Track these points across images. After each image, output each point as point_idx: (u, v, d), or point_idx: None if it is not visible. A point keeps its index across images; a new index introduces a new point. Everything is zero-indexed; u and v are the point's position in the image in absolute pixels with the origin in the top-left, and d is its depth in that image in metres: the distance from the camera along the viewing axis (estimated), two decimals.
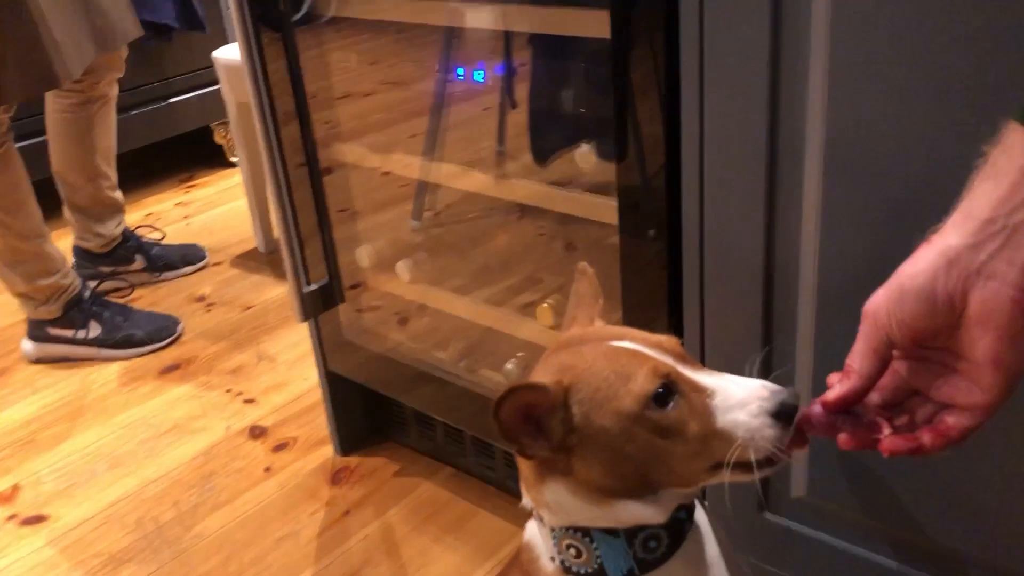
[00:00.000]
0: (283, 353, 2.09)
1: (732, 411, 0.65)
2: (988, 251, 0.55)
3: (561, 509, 0.72)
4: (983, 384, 0.58)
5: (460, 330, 1.54)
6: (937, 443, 0.61)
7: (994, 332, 0.56)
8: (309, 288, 1.52)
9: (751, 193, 0.95)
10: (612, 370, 0.67)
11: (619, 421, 0.66)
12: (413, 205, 1.74)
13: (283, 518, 1.58)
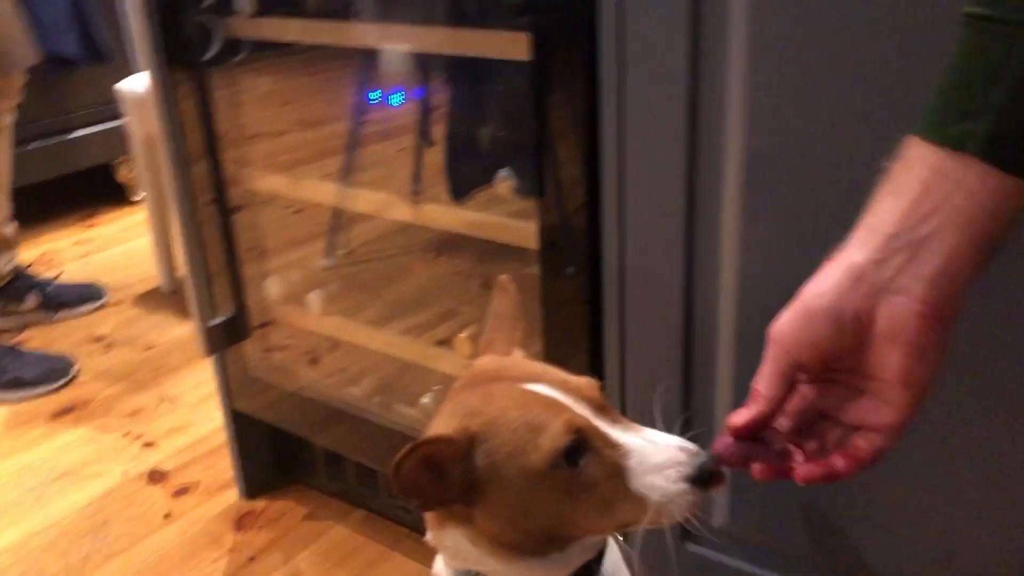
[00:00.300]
0: (186, 394, 2.00)
1: (648, 475, 0.61)
2: (893, 266, 0.55)
3: (460, 556, 0.68)
4: (893, 403, 0.57)
5: (374, 365, 1.49)
6: (850, 467, 0.59)
7: (902, 348, 0.55)
8: (214, 321, 1.45)
9: (671, 229, 0.95)
10: (522, 421, 0.62)
11: (525, 478, 0.61)
12: (326, 243, 1.70)
13: (183, 566, 1.49)
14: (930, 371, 0.56)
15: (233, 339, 1.49)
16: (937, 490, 0.89)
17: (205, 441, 1.83)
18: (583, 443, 0.61)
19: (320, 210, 1.61)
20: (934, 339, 0.55)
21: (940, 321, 0.54)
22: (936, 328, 0.55)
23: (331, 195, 1.47)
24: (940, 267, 0.53)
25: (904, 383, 0.56)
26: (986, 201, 0.52)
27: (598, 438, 0.62)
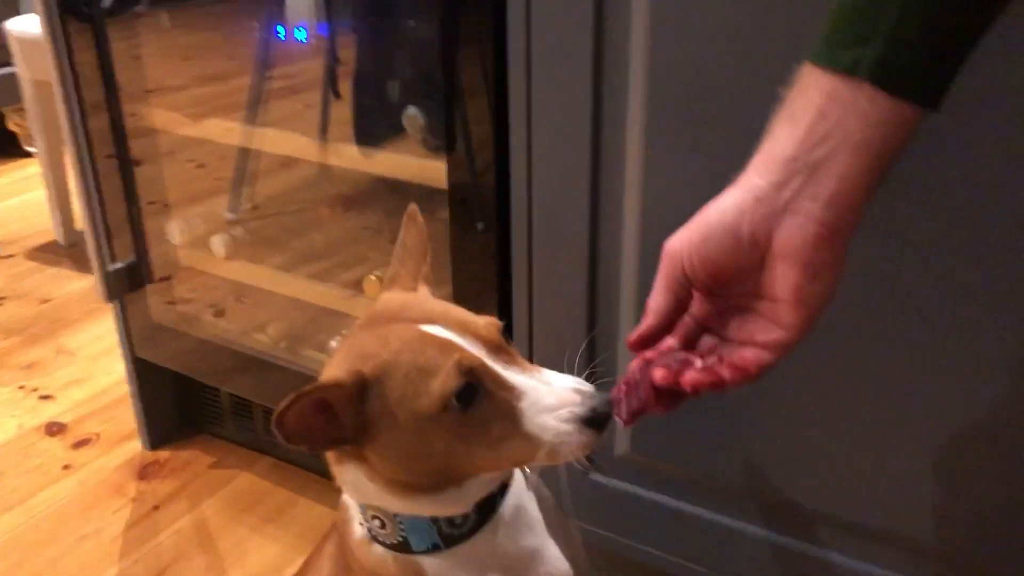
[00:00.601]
0: (85, 347, 1.94)
1: (540, 415, 0.62)
2: (792, 188, 0.57)
3: (358, 491, 0.69)
4: (783, 322, 0.59)
5: (281, 312, 1.48)
6: (736, 377, 0.61)
7: (797, 266, 0.57)
8: (114, 266, 1.42)
9: (577, 183, 0.97)
10: (415, 364, 0.61)
11: (416, 421, 0.61)
12: (230, 197, 1.66)
13: (84, 517, 1.46)
14: (823, 290, 0.58)
15: (134, 285, 1.45)
16: (834, 424, 0.93)
17: (106, 393, 1.78)
18: (475, 385, 0.61)
19: (224, 163, 1.57)
20: (829, 258, 0.57)
21: (835, 241, 0.57)
22: (831, 248, 0.57)
23: (237, 135, 1.43)
24: (835, 189, 0.55)
25: (797, 300, 0.58)
26: (878, 124, 0.54)
27: (491, 379, 0.62)
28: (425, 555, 0.70)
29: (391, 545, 0.70)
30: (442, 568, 0.70)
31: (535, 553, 0.73)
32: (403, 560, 0.70)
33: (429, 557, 0.70)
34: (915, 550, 0.93)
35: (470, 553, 0.70)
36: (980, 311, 0.82)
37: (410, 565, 0.70)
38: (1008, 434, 0.84)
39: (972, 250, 0.80)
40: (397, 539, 0.69)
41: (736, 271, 0.60)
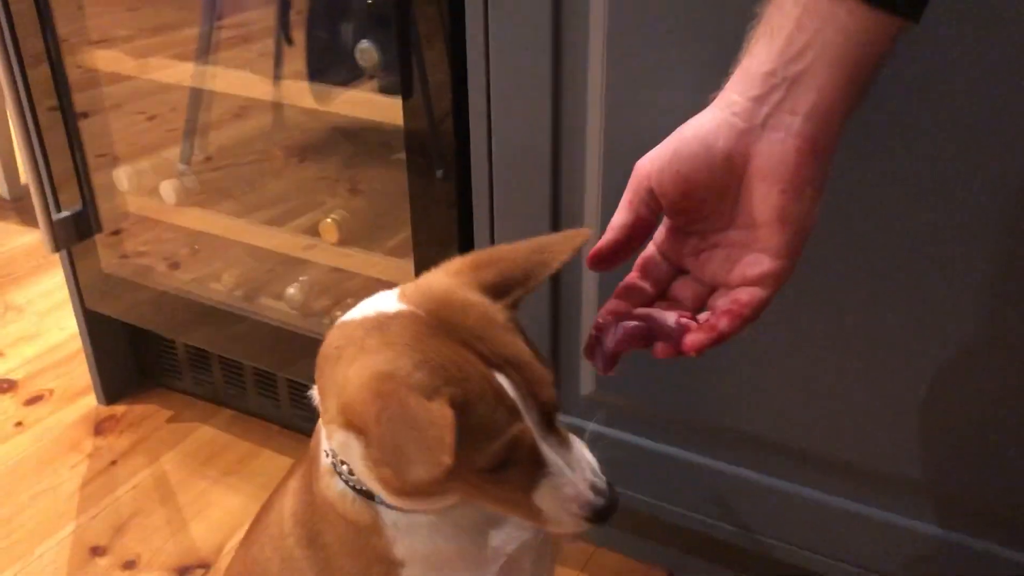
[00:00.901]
0: (35, 303, 1.88)
1: (554, 501, 0.62)
2: (771, 103, 0.55)
3: (345, 454, 0.65)
4: (772, 249, 0.57)
5: (236, 260, 1.44)
6: (735, 324, 0.59)
7: (779, 185, 0.55)
8: (60, 215, 1.36)
9: (537, 124, 0.95)
10: (482, 421, 0.57)
11: (458, 467, 0.57)
12: (182, 148, 1.61)
13: (39, 474, 1.42)
14: (808, 209, 0.56)
15: (81, 235, 1.40)
16: (806, 358, 0.93)
17: (57, 349, 1.73)
18: (516, 455, 0.60)
19: (175, 115, 1.52)
20: (811, 175, 0.55)
21: (817, 156, 0.55)
22: (813, 163, 0.55)
23: (188, 79, 1.38)
24: (815, 102, 0.54)
25: (781, 223, 0.56)
26: (856, 36, 0.52)
27: (531, 452, 0.60)
28: (386, 506, 0.68)
29: (355, 488, 0.68)
30: (402, 520, 0.68)
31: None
32: (363, 503, 0.68)
33: (390, 509, 0.68)
34: (890, 483, 0.94)
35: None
36: (953, 242, 0.81)
37: (369, 510, 0.68)
38: (980, 364, 0.84)
39: (947, 183, 0.79)
40: (363, 487, 0.67)
41: (707, 191, 0.58)
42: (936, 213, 0.80)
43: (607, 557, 1.23)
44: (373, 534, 0.69)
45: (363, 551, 0.70)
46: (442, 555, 0.69)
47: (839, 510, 0.97)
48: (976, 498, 0.90)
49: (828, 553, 1.00)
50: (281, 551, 0.76)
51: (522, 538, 0.72)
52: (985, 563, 0.92)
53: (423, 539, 0.68)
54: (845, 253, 0.86)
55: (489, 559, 0.70)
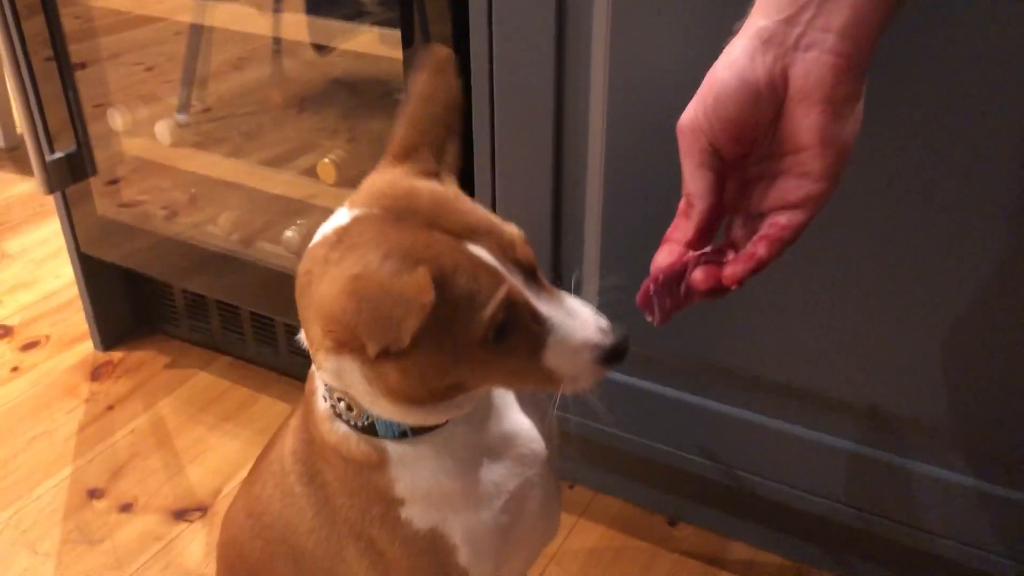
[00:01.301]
0: (31, 251, 1.87)
1: (564, 353, 0.60)
2: (803, 22, 0.53)
3: (342, 381, 0.63)
4: (814, 172, 0.56)
5: (232, 202, 1.42)
6: (773, 248, 0.58)
7: (818, 105, 0.54)
8: (54, 156, 1.34)
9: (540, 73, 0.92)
10: (467, 291, 0.56)
11: (456, 345, 0.57)
12: (180, 98, 1.58)
13: (35, 418, 1.42)
14: (847, 129, 0.55)
15: (76, 176, 1.38)
16: (810, 300, 0.91)
17: (54, 296, 1.72)
18: (513, 318, 0.58)
19: (173, 65, 1.50)
20: (849, 91, 0.54)
21: (853, 71, 0.53)
22: (850, 79, 0.53)
23: (186, 11, 1.35)
24: (849, 16, 0.52)
25: (822, 143, 0.55)
26: None
27: (526, 311, 0.59)
28: (391, 440, 0.66)
29: (356, 427, 0.66)
30: (408, 454, 0.66)
31: (509, 434, 0.70)
32: (367, 442, 0.67)
33: (395, 443, 0.66)
34: (898, 425, 0.93)
35: (440, 442, 0.67)
36: (967, 192, 0.79)
37: (374, 449, 0.67)
38: (993, 308, 0.83)
39: (968, 133, 0.77)
40: (363, 422, 0.66)
41: (757, 128, 0.56)
42: (959, 154, 0.78)
43: (607, 502, 1.23)
44: (376, 472, 0.67)
45: (363, 490, 0.68)
46: (444, 492, 0.67)
47: (845, 452, 0.96)
48: (988, 442, 0.89)
49: (832, 496, 0.99)
50: (282, 488, 0.75)
51: (524, 475, 0.71)
52: (993, 506, 0.91)
53: (426, 475, 0.67)
54: (863, 193, 0.84)
55: (491, 496, 0.69)
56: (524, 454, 0.71)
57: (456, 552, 0.69)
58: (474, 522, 0.68)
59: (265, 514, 0.77)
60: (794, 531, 1.12)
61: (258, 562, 0.79)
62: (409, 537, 0.68)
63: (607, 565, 1.14)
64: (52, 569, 1.15)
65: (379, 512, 0.68)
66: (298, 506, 0.73)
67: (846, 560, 1.10)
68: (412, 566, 0.69)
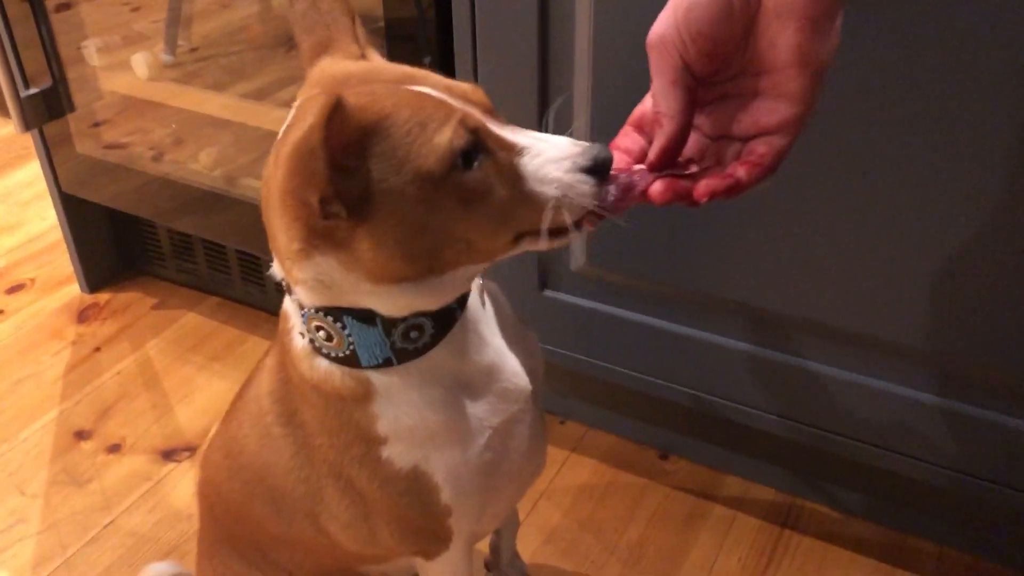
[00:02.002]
0: (14, 193, 1.84)
1: (544, 169, 0.56)
2: None
3: (323, 287, 0.60)
4: (791, 93, 0.53)
5: (216, 139, 1.38)
6: (754, 173, 0.55)
7: (795, 23, 0.51)
8: (29, 92, 1.31)
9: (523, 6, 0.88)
10: (416, 121, 0.54)
11: (421, 185, 0.54)
12: (165, 38, 1.54)
13: (21, 360, 1.40)
14: (825, 47, 0.52)
15: (54, 113, 1.35)
16: (814, 229, 0.88)
17: (39, 239, 1.69)
18: (478, 144, 0.55)
19: (160, 4, 1.45)
20: (826, 6, 0.51)
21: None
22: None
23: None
24: None
25: (800, 62, 0.52)
26: None
27: (492, 139, 0.56)
28: (375, 370, 0.63)
29: (338, 358, 0.63)
30: (393, 385, 0.64)
31: (492, 367, 0.68)
32: (350, 375, 0.64)
33: (379, 373, 0.64)
34: (900, 354, 0.90)
35: (424, 369, 0.64)
36: (979, 106, 0.75)
37: (358, 381, 0.64)
38: (996, 240, 0.80)
39: (970, 67, 0.73)
40: (345, 352, 0.63)
41: (731, 42, 0.53)
42: (954, 88, 0.75)
43: (598, 437, 1.21)
44: (358, 409, 0.65)
45: (343, 429, 0.66)
46: (428, 428, 0.65)
47: (838, 381, 0.94)
48: (981, 368, 0.87)
49: (824, 426, 0.98)
50: (259, 428, 0.73)
51: (508, 411, 0.69)
52: (984, 430, 0.89)
53: (410, 410, 0.65)
54: (851, 123, 0.80)
55: (474, 432, 0.67)
56: (508, 388, 0.69)
57: (439, 491, 0.67)
58: (457, 460, 0.67)
59: (242, 454, 0.75)
60: (786, 463, 1.11)
61: (236, 502, 0.78)
62: (390, 477, 0.66)
63: (598, 500, 1.13)
64: (40, 510, 1.15)
65: (359, 451, 0.67)
66: (275, 447, 0.72)
67: (838, 493, 1.09)
68: (393, 505, 0.68)
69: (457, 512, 0.69)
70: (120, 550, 1.09)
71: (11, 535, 1.12)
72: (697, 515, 1.10)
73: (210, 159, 1.34)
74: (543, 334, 1.09)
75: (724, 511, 1.11)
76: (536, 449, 0.75)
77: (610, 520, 1.10)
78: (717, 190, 0.56)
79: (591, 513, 1.11)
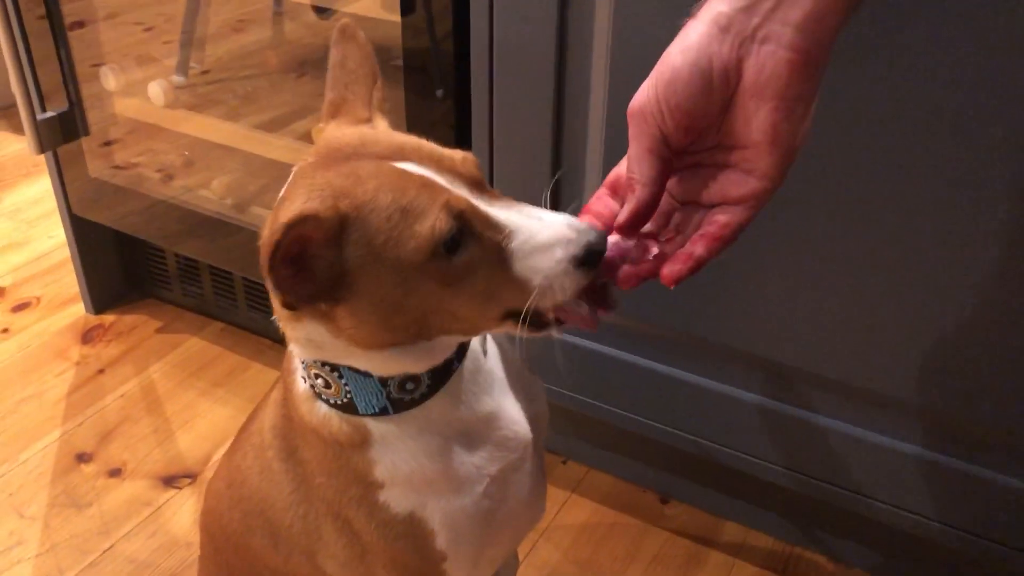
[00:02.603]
0: (23, 211, 1.84)
1: (532, 255, 0.55)
2: (761, 13, 0.51)
3: (314, 347, 0.61)
4: (760, 170, 0.54)
5: (227, 167, 1.40)
6: (713, 247, 0.56)
7: (771, 102, 0.52)
8: (45, 115, 1.32)
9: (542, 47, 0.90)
10: (398, 206, 0.54)
11: (401, 270, 0.54)
12: (178, 60, 1.55)
13: (24, 380, 1.40)
14: (798, 128, 0.53)
15: (68, 136, 1.36)
16: (820, 282, 0.89)
17: (46, 257, 1.70)
18: (463, 228, 0.54)
19: (172, 26, 1.47)
20: (803, 90, 0.52)
21: (809, 69, 0.51)
22: (805, 77, 0.52)
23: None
24: (808, 11, 0.50)
25: (773, 141, 0.53)
26: None
27: (479, 220, 0.55)
28: (372, 418, 0.64)
29: (336, 405, 0.64)
30: (390, 432, 0.64)
31: (491, 416, 0.68)
32: (349, 421, 0.65)
33: (376, 420, 0.64)
34: (883, 405, 0.91)
35: (421, 419, 0.64)
36: (976, 178, 0.77)
37: (356, 428, 0.65)
38: (1000, 297, 0.81)
39: (976, 111, 0.75)
40: (342, 400, 0.63)
41: (707, 117, 0.54)
42: (953, 143, 0.76)
43: (599, 479, 1.22)
44: (356, 454, 0.65)
45: (341, 471, 0.67)
46: (424, 474, 0.65)
47: (841, 434, 0.95)
48: (967, 422, 0.88)
49: (826, 477, 0.98)
50: (261, 461, 0.73)
51: (507, 459, 0.68)
52: (971, 485, 0.90)
53: (407, 456, 0.65)
54: (850, 175, 0.82)
55: (472, 480, 0.67)
56: (507, 436, 0.68)
57: (434, 537, 0.67)
58: (454, 507, 0.67)
59: (244, 485, 0.75)
60: (786, 513, 1.11)
61: (236, 532, 0.78)
62: (387, 521, 0.67)
63: (598, 541, 1.13)
64: (38, 533, 1.15)
65: (356, 494, 0.67)
66: (276, 481, 0.72)
67: (837, 544, 1.10)
68: (389, 548, 0.68)
69: (453, 558, 0.69)
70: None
71: (9, 557, 1.11)
72: (696, 561, 1.11)
73: (222, 187, 1.36)
74: (550, 375, 1.10)
75: (723, 558, 1.11)
76: (535, 496, 0.75)
77: (609, 563, 1.10)
78: (680, 273, 0.57)
79: (590, 555, 1.11)
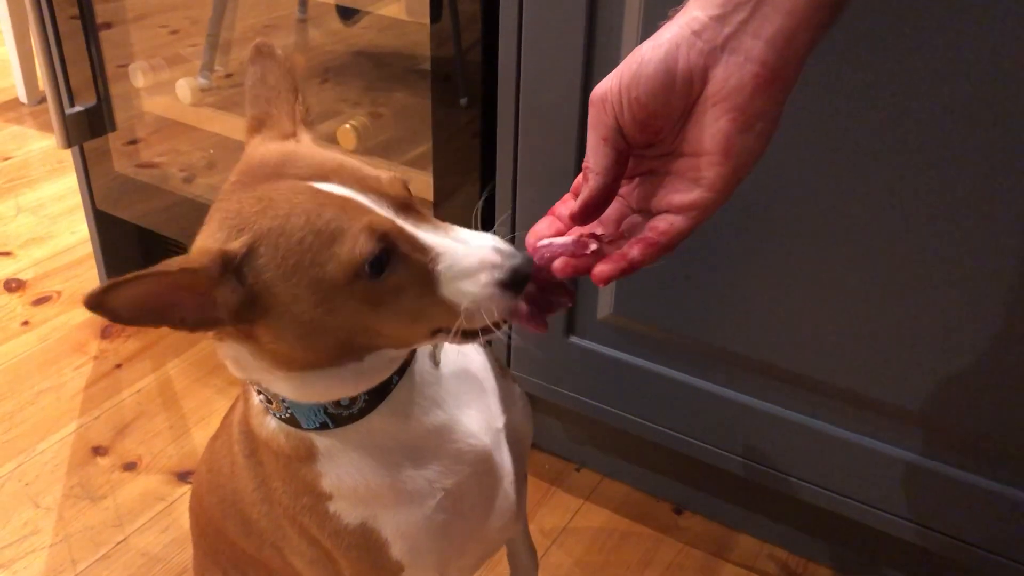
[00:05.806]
0: (48, 206, 1.86)
1: (458, 280, 0.55)
2: (734, 23, 0.51)
3: (239, 368, 0.61)
4: (706, 179, 0.54)
5: None
6: (648, 253, 0.56)
7: (730, 113, 0.52)
8: (73, 110, 1.33)
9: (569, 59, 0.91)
10: (311, 229, 0.53)
11: (318, 292, 0.53)
12: (203, 62, 1.57)
13: (43, 372, 1.41)
14: (754, 145, 0.52)
15: (95, 132, 1.37)
16: (824, 289, 0.89)
17: (68, 252, 1.71)
18: (388, 249, 0.53)
19: (198, 30, 1.48)
20: (765, 107, 0.52)
21: (774, 86, 0.51)
22: (768, 94, 0.51)
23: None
24: (780, 27, 0.50)
25: (724, 151, 0.52)
26: None
27: (404, 241, 0.54)
28: (315, 432, 0.63)
29: (282, 419, 0.64)
30: (334, 447, 0.64)
31: (443, 429, 0.66)
32: (295, 436, 0.64)
33: (319, 435, 0.64)
34: (899, 417, 0.91)
35: (364, 432, 0.64)
36: (974, 186, 0.76)
37: (302, 441, 0.64)
38: (996, 301, 0.80)
39: (984, 112, 0.74)
40: (284, 415, 0.63)
41: (666, 118, 0.54)
42: (960, 148, 0.76)
43: (613, 487, 1.21)
44: (304, 466, 0.65)
45: (293, 479, 0.67)
46: (370, 488, 0.65)
47: (857, 447, 0.94)
48: (971, 431, 0.87)
49: (842, 491, 0.97)
50: (231, 456, 0.73)
51: (462, 472, 0.67)
52: (967, 493, 0.89)
53: (351, 471, 0.64)
54: (857, 180, 0.81)
55: (423, 493, 0.66)
56: (462, 450, 0.67)
57: (388, 547, 0.66)
58: (407, 520, 0.66)
59: (219, 473, 0.76)
60: (801, 526, 1.10)
61: (216, 517, 0.78)
62: (338, 531, 0.66)
63: (611, 550, 1.12)
64: (53, 523, 1.15)
65: (308, 503, 0.67)
66: (242, 477, 0.72)
67: (852, 558, 1.09)
68: (344, 556, 0.67)
69: (411, 568, 0.68)
70: (130, 569, 1.09)
71: (23, 546, 1.12)
72: (709, 572, 1.10)
73: None
74: (566, 380, 1.10)
75: (736, 570, 1.10)
76: (502, 509, 0.72)
77: (622, 571, 1.10)
78: (611, 274, 0.56)
79: (603, 563, 1.11)
